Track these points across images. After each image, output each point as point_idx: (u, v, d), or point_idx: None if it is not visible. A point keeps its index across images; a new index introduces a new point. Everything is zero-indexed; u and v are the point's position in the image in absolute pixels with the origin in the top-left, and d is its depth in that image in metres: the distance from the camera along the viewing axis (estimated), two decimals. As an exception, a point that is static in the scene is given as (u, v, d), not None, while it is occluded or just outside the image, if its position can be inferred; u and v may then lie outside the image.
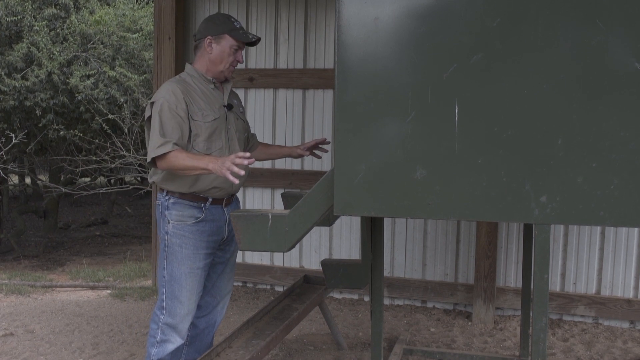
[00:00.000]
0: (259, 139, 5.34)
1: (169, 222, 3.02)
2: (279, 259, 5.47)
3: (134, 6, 8.50)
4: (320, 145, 3.45)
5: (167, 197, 3.04)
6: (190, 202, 3.01)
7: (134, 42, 7.97)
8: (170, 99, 2.90)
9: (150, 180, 3.13)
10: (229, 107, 3.12)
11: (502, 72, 2.09)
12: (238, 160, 2.64)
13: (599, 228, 4.65)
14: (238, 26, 3.04)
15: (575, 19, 2.03)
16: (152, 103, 2.95)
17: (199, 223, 3.03)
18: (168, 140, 2.83)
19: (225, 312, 3.38)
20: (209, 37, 3.03)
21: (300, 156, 3.48)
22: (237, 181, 2.69)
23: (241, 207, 5.37)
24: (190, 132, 2.95)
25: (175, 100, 2.90)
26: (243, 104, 5.34)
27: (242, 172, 2.65)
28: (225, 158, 2.69)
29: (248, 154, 2.66)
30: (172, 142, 2.83)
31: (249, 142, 3.42)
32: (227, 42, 3.01)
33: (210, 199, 3.06)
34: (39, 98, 7.51)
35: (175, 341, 3.07)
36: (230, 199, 3.17)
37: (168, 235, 3.03)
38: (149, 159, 2.88)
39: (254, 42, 3.10)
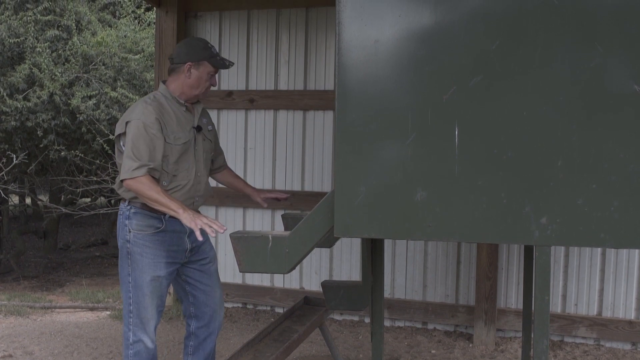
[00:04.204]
0: (261, 160, 5.36)
1: (129, 231, 3.10)
2: (279, 280, 5.46)
3: (135, 28, 8.56)
4: (279, 198, 3.60)
5: (128, 207, 3.12)
6: (150, 212, 3.08)
7: (136, 63, 8.02)
8: (147, 119, 2.97)
9: (117, 190, 3.17)
10: (198, 128, 3.21)
11: (501, 94, 2.10)
12: (215, 227, 2.81)
13: (599, 249, 4.64)
14: (215, 52, 3.15)
15: (574, 41, 2.04)
16: (127, 122, 3.01)
17: (159, 233, 3.10)
18: (143, 164, 2.92)
19: (222, 321, 3.45)
20: (189, 62, 3.10)
21: (257, 202, 3.58)
22: (201, 238, 2.83)
23: (241, 228, 5.36)
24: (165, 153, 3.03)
25: (151, 121, 2.97)
26: (243, 125, 5.39)
27: (213, 234, 2.83)
28: (200, 215, 2.87)
29: (225, 228, 2.85)
30: (148, 167, 2.93)
31: (212, 163, 3.45)
32: (206, 68, 3.11)
33: None
34: (41, 119, 7.54)
35: (147, 342, 3.16)
36: None
37: (129, 244, 3.10)
38: (119, 179, 2.99)
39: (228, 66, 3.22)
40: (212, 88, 3.28)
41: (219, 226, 2.82)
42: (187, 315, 3.42)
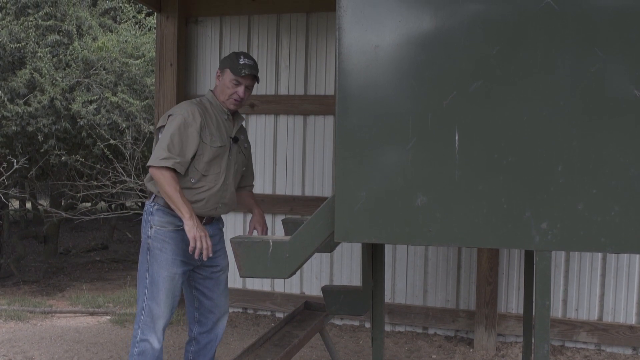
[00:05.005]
0: (261, 165, 5.35)
1: (151, 227, 3.21)
2: (280, 285, 5.45)
3: (136, 33, 8.57)
4: None
5: (152, 204, 3.24)
6: (172, 211, 3.14)
7: (136, 68, 8.02)
8: (188, 117, 3.12)
9: (145, 183, 3.29)
10: (235, 139, 3.32)
11: (502, 99, 2.10)
12: (204, 252, 2.99)
13: (600, 254, 4.64)
14: (242, 62, 3.22)
15: (574, 47, 2.05)
16: (170, 115, 3.16)
17: (179, 231, 3.18)
18: (172, 157, 3.03)
19: (224, 329, 3.51)
20: (218, 70, 3.31)
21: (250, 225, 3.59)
22: (191, 252, 3.00)
23: (241, 233, 5.36)
24: (196, 151, 3.14)
25: (192, 119, 3.11)
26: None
27: (197, 256, 3.00)
28: (205, 233, 3.01)
29: (210, 255, 3.06)
30: (175, 161, 3.03)
31: (242, 178, 3.54)
32: (228, 75, 3.24)
33: None
34: (41, 124, 7.54)
35: (154, 342, 3.20)
36: (210, 219, 3.32)
37: (150, 240, 3.20)
38: (148, 164, 3.10)
39: (252, 77, 3.27)
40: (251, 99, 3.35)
41: (206, 254, 3.01)
42: (190, 320, 3.47)
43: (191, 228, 2.97)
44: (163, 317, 3.20)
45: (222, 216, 3.45)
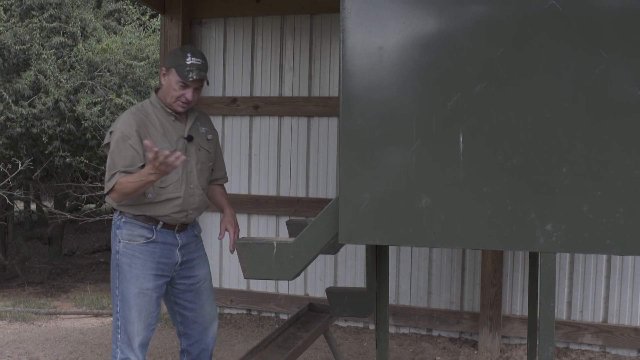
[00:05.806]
0: (265, 166, 5.36)
1: (120, 242, 3.04)
2: (284, 287, 5.45)
3: (140, 35, 8.60)
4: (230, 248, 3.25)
5: (119, 217, 3.05)
6: (141, 222, 3.01)
7: (140, 70, 8.05)
8: (125, 130, 2.92)
9: (107, 201, 3.10)
10: (189, 138, 3.07)
11: (506, 101, 2.10)
12: (172, 158, 2.64)
13: (605, 256, 4.62)
14: (189, 62, 2.93)
15: (578, 48, 2.04)
16: (111, 132, 2.98)
17: (149, 244, 3.01)
18: (114, 172, 2.88)
19: (215, 336, 3.34)
20: (163, 67, 3.06)
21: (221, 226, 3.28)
22: (170, 169, 2.70)
23: (244, 235, 5.36)
24: (145, 164, 2.90)
25: (129, 132, 2.91)
26: (248, 131, 5.39)
27: (178, 163, 2.66)
28: (158, 157, 2.65)
29: (183, 157, 2.68)
30: (118, 172, 2.87)
31: (212, 173, 3.27)
32: (173, 76, 2.96)
33: (161, 223, 3.03)
34: (46, 125, 7.57)
35: None
36: (183, 226, 3.12)
37: (119, 255, 3.04)
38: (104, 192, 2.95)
39: (199, 80, 2.99)
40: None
41: (175, 158, 2.65)
42: (178, 334, 3.33)
43: (153, 170, 2.70)
44: (139, 335, 3.04)
45: (207, 217, 3.28)
